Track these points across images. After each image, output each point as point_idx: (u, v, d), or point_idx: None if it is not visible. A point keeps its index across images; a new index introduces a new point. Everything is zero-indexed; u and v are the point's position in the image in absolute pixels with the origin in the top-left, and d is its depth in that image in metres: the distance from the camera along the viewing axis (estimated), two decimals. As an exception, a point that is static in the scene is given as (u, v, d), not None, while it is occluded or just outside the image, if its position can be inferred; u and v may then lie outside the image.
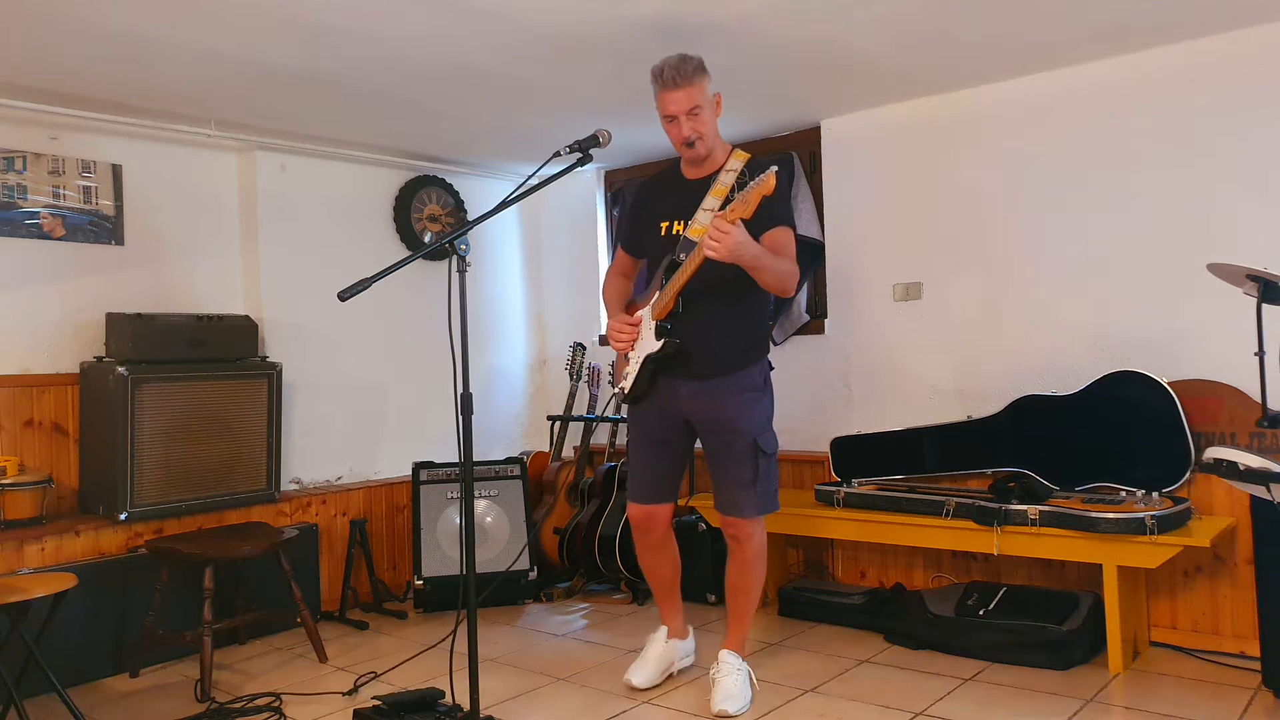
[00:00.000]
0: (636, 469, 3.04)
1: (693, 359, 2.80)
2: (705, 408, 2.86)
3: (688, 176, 2.91)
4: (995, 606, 3.38)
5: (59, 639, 3.06)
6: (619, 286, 3.11)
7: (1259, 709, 2.77)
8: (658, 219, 2.93)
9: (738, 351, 2.85)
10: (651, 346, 2.82)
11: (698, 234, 2.71)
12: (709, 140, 2.80)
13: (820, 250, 4.24)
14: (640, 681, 3.03)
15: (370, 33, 2.94)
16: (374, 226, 4.61)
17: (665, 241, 2.88)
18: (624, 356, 2.96)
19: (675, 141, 2.81)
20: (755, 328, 2.93)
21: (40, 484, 3.41)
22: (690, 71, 2.70)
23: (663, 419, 2.94)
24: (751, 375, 2.88)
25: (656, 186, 3.07)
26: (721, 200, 2.73)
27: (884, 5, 2.87)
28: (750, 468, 2.83)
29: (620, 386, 2.96)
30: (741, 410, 2.84)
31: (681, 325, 2.79)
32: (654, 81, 2.76)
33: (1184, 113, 3.34)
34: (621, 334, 2.89)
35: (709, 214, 2.73)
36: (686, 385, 2.85)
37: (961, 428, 3.75)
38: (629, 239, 3.12)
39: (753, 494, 2.85)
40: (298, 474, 4.24)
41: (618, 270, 3.14)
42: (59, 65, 3.14)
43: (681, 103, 2.71)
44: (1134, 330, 3.44)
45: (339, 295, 2.42)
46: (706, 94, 2.75)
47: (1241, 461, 2.40)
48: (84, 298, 3.74)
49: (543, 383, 5.34)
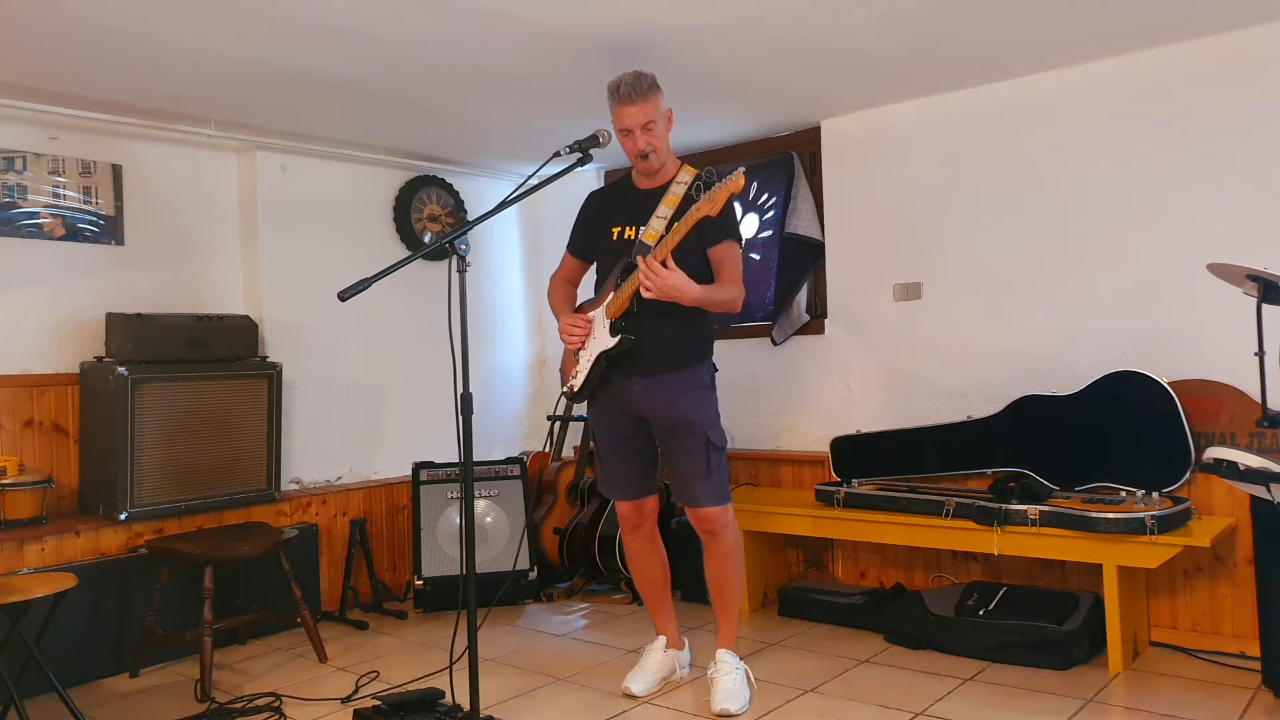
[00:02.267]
0: (612, 468, 3.11)
1: (646, 356, 2.90)
2: (658, 404, 2.95)
3: (640, 186, 3.03)
4: (995, 606, 3.38)
5: (59, 639, 3.07)
6: (566, 291, 3.21)
7: (1259, 709, 2.77)
8: (609, 225, 3.03)
9: (689, 350, 2.97)
10: (606, 343, 2.91)
11: (651, 238, 2.88)
12: (662, 153, 2.93)
13: (820, 250, 4.24)
14: (639, 690, 3.06)
15: (370, 33, 2.94)
16: (374, 226, 4.61)
17: (616, 246, 2.99)
18: (573, 356, 3.04)
19: (630, 154, 2.92)
20: (705, 328, 3.04)
21: (40, 484, 3.41)
22: (645, 88, 2.83)
23: (623, 416, 3.03)
24: (700, 373, 2.99)
25: (608, 195, 3.20)
26: (674, 209, 2.87)
27: (883, 5, 2.87)
28: (703, 460, 2.93)
29: (570, 385, 3.05)
30: (693, 406, 2.94)
31: (635, 324, 2.89)
32: (610, 96, 2.88)
33: (1184, 113, 3.34)
34: (573, 332, 2.98)
35: (662, 220, 2.89)
36: (639, 382, 2.93)
37: (961, 428, 3.75)
38: (579, 244, 3.19)
39: (707, 485, 2.94)
40: (298, 474, 4.24)
41: (563, 276, 3.23)
42: (59, 65, 3.14)
43: (637, 117, 2.83)
44: (1134, 330, 3.44)
45: (339, 295, 2.42)
46: (660, 109, 2.88)
47: (1241, 461, 2.41)
48: (84, 298, 3.74)
49: (543, 383, 5.34)
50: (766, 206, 4.49)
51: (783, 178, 4.35)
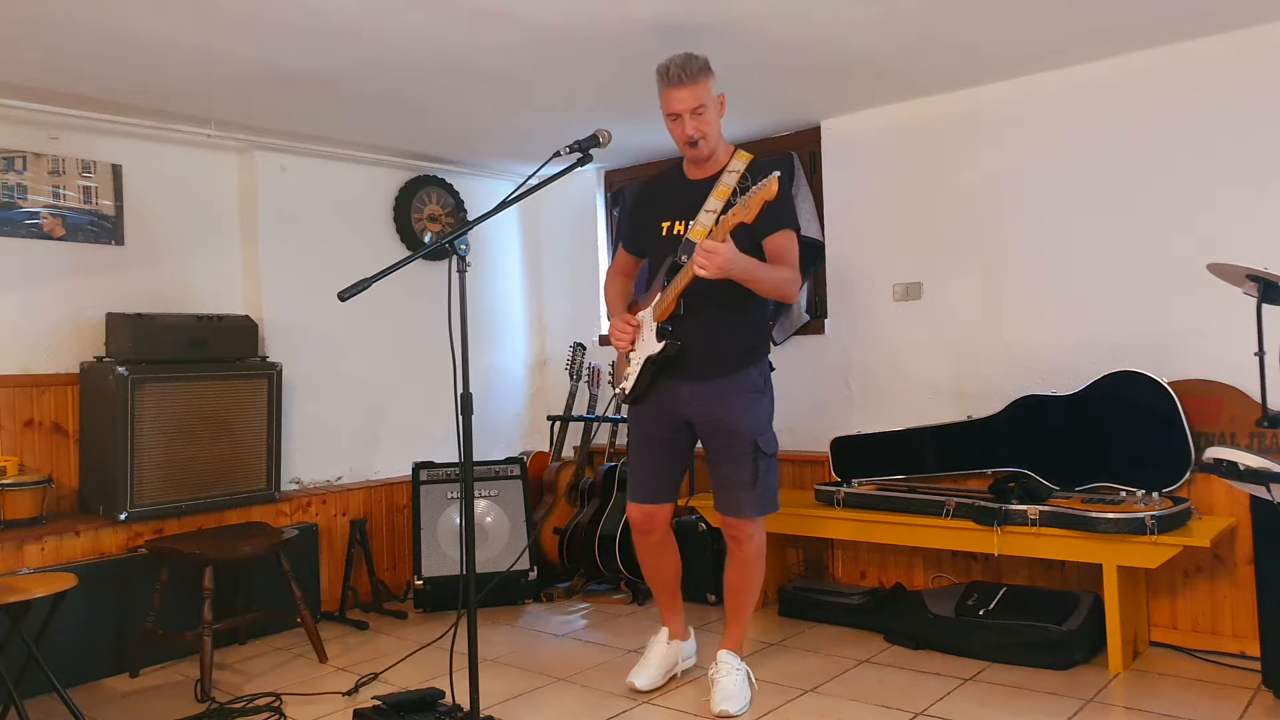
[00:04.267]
0: (636, 469, 3.04)
1: (693, 360, 2.80)
2: (705, 408, 2.86)
3: (690, 177, 2.91)
4: (995, 606, 3.38)
5: (59, 639, 3.07)
6: (621, 286, 3.12)
7: (1259, 709, 2.77)
8: (659, 219, 2.93)
9: (738, 352, 2.86)
10: (653, 348, 2.82)
11: (699, 235, 2.71)
12: (712, 140, 2.80)
13: (820, 250, 4.24)
14: (643, 684, 3.02)
15: (370, 33, 2.94)
16: (374, 226, 4.61)
17: (666, 242, 2.89)
18: (624, 357, 2.96)
19: (678, 140, 2.80)
20: (756, 329, 2.94)
21: (40, 484, 3.41)
22: (696, 70, 2.70)
23: (663, 419, 2.94)
24: (751, 376, 2.88)
25: (658, 186, 3.07)
26: (724, 202, 2.73)
27: (884, 5, 2.87)
28: (749, 468, 2.83)
29: (621, 387, 2.97)
30: (742, 411, 2.84)
31: (682, 326, 2.80)
32: (660, 79, 2.76)
33: (1184, 113, 3.34)
34: (623, 334, 2.90)
35: (711, 215, 2.73)
36: (687, 386, 2.85)
37: (961, 428, 3.75)
38: (630, 238, 3.12)
39: (752, 494, 2.85)
40: (298, 474, 4.24)
41: (619, 269, 3.15)
42: (59, 65, 3.14)
43: (686, 101, 2.71)
44: (1134, 330, 3.44)
45: (339, 295, 2.42)
46: (711, 93, 2.75)
47: (1241, 461, 2.41)
48: (84, 298, 3.74)
49: (543, 383, 5.34)
50: (766, 206, 4.48)
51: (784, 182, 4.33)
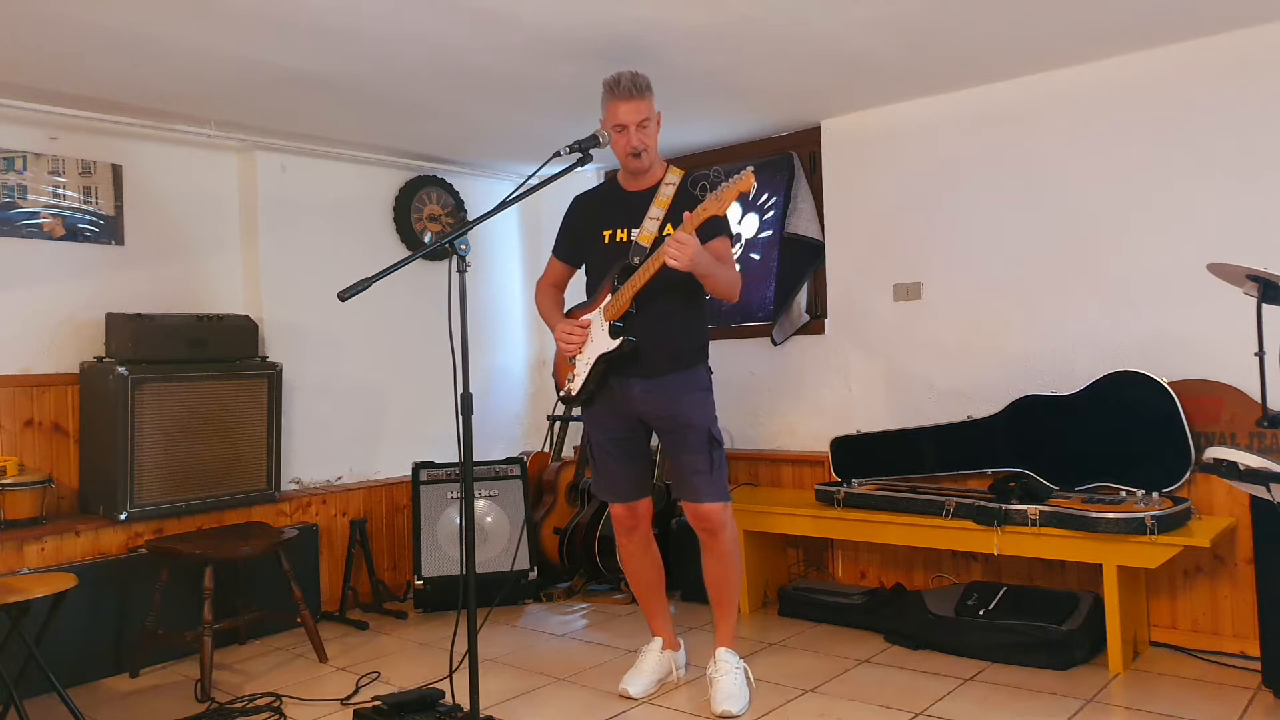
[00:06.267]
0: (607, 471, 3.11)
1: (646, 357, 2.90)
2: (659, 405, 2.95)
3: (627, 188, 3.04)
4: (995, 606, 3.38)
5: (59, 639, 3.07)
6: (554, 296, 3.24)
7: (1259, 709, 2.77)
8: (600, 228, 3.03)
9: (688, 350, 2.98)
10: (606, 346, 2.91)
11: (647, 240, 2.88)
12: (652, 153, 2.95)
13: (820, 250, 4.24)
14: (636, 692, 3.06)
15: (370, 33, 2.94)
16: (374, 226, 4.61)
17: (609, 249, 2.99)
18: (569, 360, 3.04)
19: (621, 151, 2.93)
20: (702, 329, 3.06)
21: (40, 484, 3.41)
22: (643, 86, 2.88)
23: (619, 417, 3.03)
24: (700, 374, 3.02)
25: (595, 198, 3.19)
26: (665, 210, 2.89)
27: (884, 5, 2.88)
28: (706, 457, 2.94)
29: (567, 389, 3.05)
30: (694, 407, 2.96)
31: (635, 325, 2.89)
32: (608, 92, 2.89)
33: (1184, 113, 3.34)
34: (572, 338, 2.98)
35: (655, 222, 2.90)
36: (640, 384, 2.94)
37: (961, 428, 3.75)
38: (566, 249, 3.19)
39: (709, 480, 2.95)
40: (298, 474, 4.24)
41: (550, 281, 3.24)
42: (59, 65, 3.14)
43: (633, 114, 2.86)
44: (1134, 330, 3.44)
45: (339, 295, 2.42)
46: (653, 109, 2.92)
47: (1241, 461, 2.41)
48: (84, 298, 3.74)
49: (542, 383, 5.34)
50: (766, 206, 4.49)
51: (783, 178, 4.35)
